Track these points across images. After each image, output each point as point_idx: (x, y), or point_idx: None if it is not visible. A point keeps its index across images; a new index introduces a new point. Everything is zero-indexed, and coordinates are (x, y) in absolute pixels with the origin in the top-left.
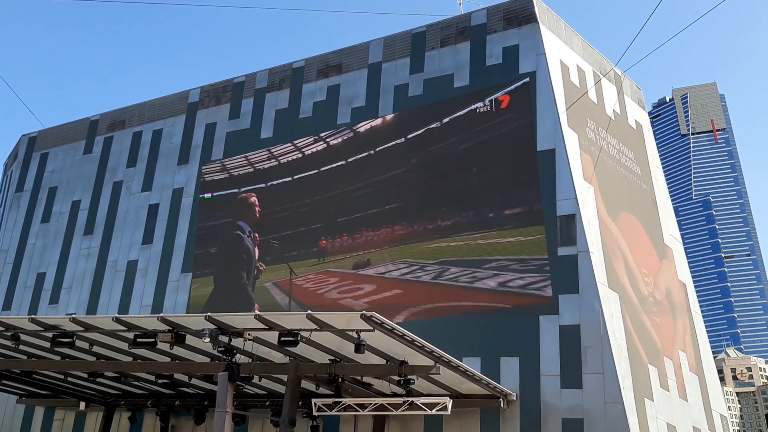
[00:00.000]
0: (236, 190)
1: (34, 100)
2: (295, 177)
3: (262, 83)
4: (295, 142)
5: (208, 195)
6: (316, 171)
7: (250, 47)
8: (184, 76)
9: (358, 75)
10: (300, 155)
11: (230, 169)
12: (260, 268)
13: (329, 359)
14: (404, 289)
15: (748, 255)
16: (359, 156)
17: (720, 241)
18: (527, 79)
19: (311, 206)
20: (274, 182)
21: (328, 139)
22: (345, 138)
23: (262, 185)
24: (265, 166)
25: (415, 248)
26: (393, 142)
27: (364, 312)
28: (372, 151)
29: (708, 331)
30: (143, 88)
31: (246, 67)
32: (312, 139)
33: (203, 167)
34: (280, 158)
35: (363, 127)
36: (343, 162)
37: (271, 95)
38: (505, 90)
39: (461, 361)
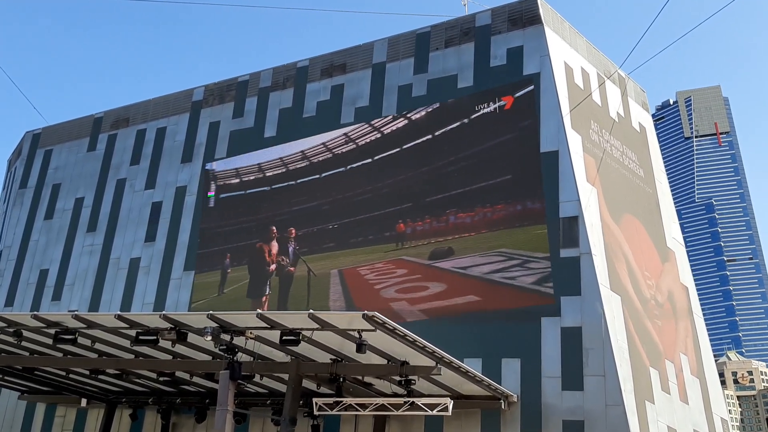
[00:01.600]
0: (294, 182)
1: (39, 97)
2: (376, 158)
3: (266, 82)
4: (348, 132)
5: (211, 194)
6: (398, 149)
7: (254, 46)
8: (188, 75)
9: (362, 75)
10: (379, 135)
11: (288, 163)
12: (282, 262)
13: (330, 359)
14: (483, 296)
15: (751, 258)
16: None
17: (722, 244)
18: (531, 87)
19: (392, 187)
20: (354, 165)
21: (382, 129)
22: (400, 125)
23: (343, 168)
24: (344, 150)
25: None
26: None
27: (365, 312)
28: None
29: (709, 335)
30: (147, 86)
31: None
32: (368, 126)
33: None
34: (335, 149)
35: (415, 115)
36: (398, 149)
37: (275, 94)
38: (511, 94)
39: (462, 362)
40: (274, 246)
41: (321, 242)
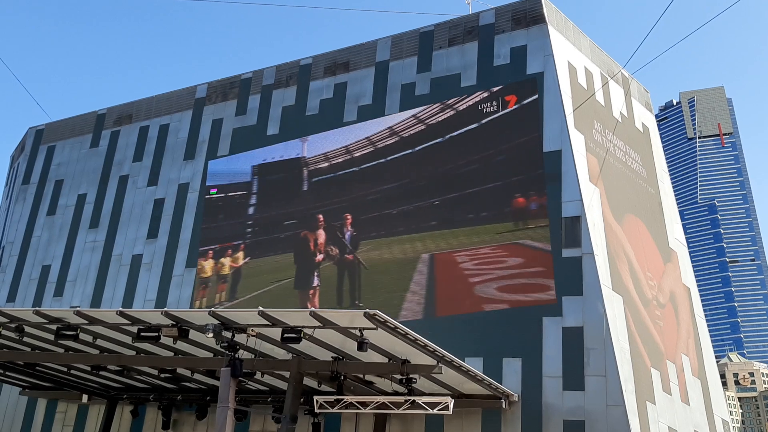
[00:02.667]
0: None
1: (42, 93)
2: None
3: (269, 80)
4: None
5: (214, 191)
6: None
7: (257, 44)
8: (191, 72)
9: (366, 73)
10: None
11: (399, 131)
12: (331, 252)
13: (332, 357)
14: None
15: (753, 260)
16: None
17: (725, 245)
18: (535, 96)
19: (506, 153)
20: (453, 133)
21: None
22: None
23: (440, 139)
24: (439, 119)
25: None
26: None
27: (367, 310)
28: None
29: (711, 336)
30: (150, 83)
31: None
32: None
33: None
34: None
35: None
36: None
37: (278, 92)
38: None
39: (463, 361)
40: (321, 235)
41: (394, 225)
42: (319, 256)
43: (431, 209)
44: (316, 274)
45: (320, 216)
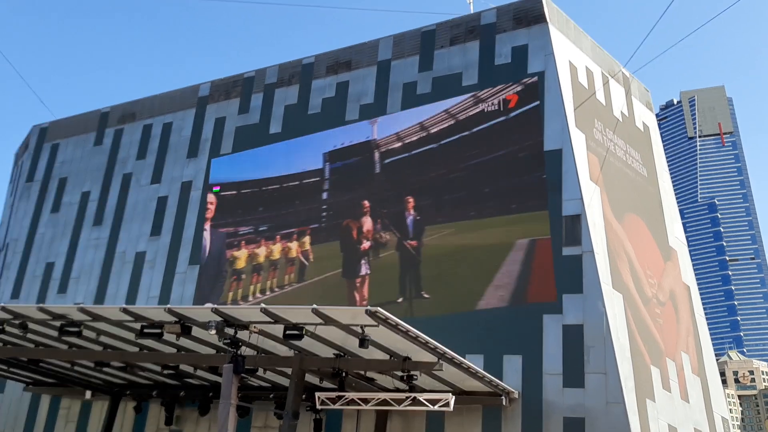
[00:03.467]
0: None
1: (46, 91)
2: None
3: (272, 79)
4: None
5: (216, 189)
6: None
7: (260, 43)
8: (194, 71)
9: (367, 72)
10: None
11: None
12: (380, 239)
13: (333, 353)
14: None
15: (753, 258)
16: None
17: (725, 244)
18: (538, 101)
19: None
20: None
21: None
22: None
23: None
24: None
25: None
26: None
27: (368, 308)
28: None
29: (711, 334)
30: (154, 81)
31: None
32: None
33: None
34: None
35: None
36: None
37: (281, 91)
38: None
39: (464, 358)
40: (366, 222)
41: (468, 209)
42: (365, 244)
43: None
44: (363, 262)
45: (365, 202)
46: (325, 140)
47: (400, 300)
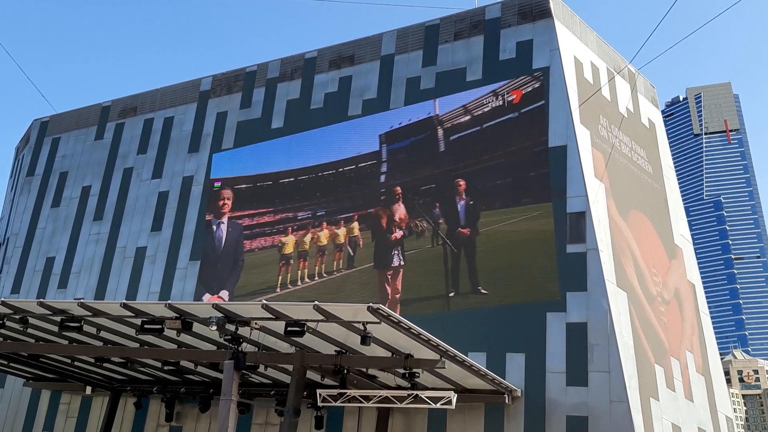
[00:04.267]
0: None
1: (47, 84)
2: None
3: (274, 73)
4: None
5: (218, 184)
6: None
7: (262, 37)
8: (196, 65)
9: (371, 67)
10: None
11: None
12: (416, 228)
13: (335, 350)
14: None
15: (758, 257)
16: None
17: (730, 242)
18: (540, 92)
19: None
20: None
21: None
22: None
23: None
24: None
25: None
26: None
27: (371, 304)
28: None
29: (716, 333)
30: (155, 75)
31: (258, 56)
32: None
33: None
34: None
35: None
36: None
37: (283, 85)
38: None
39: (467, 356)
40: (398, 210)
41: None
42: (397, 233)
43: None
44: (395, 253)
45: (398, 188)
46: (381, 121)
47: (452, 294)
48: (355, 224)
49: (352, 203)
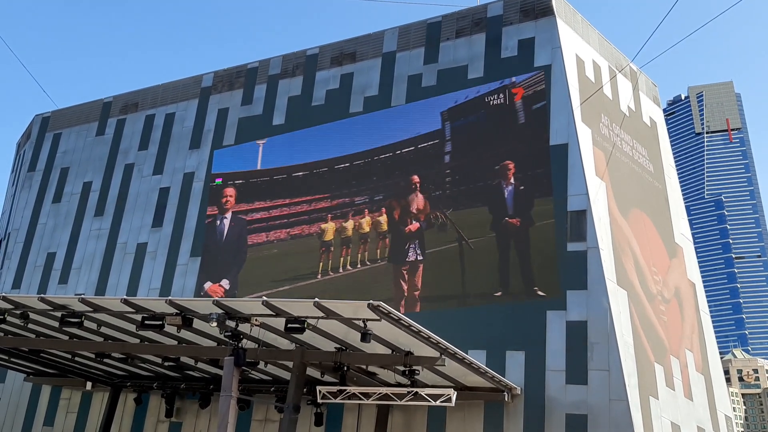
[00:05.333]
0: None
1: (48, 80)
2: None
3: (276, 70)
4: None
5: (219, 180)
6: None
7: (264, 33)
8: (197, 61)
9: (372, 64)
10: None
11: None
12: (435, 219)
13: (335, 347)
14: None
15: (759, 257)
16: None
17: (731, 241)
18: (542, 79)
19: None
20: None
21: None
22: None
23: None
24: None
25: None
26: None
27: (371, 302)
28: None
29: (716, 332)
30: (157, 71)
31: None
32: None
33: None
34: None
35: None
36: None
37: (284, 82)
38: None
39: (467, 354)
40: (416, 199)
41: None
42: (413, 225)
43: None
44: (412, 246)
45: (415, 177)
46: (442, 101)
47: (498, 294)
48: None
49: (396, 189)
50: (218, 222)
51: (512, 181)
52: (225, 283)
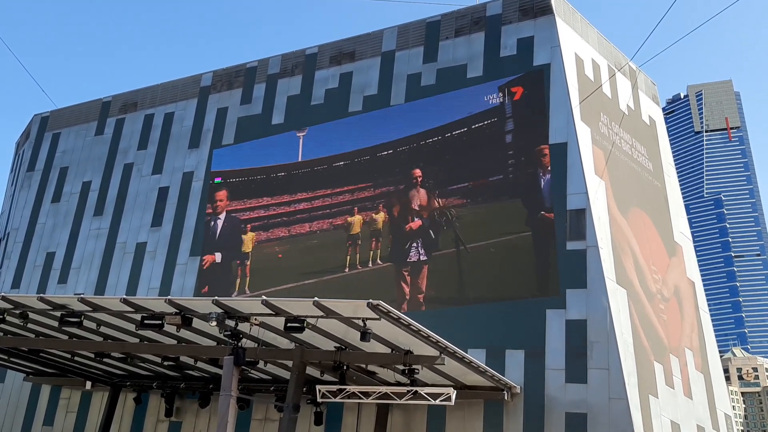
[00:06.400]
0: None
1: (47, 80)
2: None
3: (275, 69)
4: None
5: (218, 179)
6: None
7: (263, 32)
8: (196, 60)
9: (371, 63)
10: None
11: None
12: (449, 215)
13: (335, 346)
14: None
15: (758, 255)
16: None
17: (730, 240)
18: (541, 78)
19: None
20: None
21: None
22: None
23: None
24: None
25: None
26: None
27: (370, 301)
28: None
29: (715, 330)
30: (156, 71)
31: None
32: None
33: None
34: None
35: None
36: None
37: (284, 81)
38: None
39: (466, 353)
40: (419, 195)
41: None
42: (414, 223)
43: None
44: (414, 245)
45: (417, 171)
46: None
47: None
48: (454, 200)
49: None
50: (212, 222)
51: (548, 169)
52: (218, 256)
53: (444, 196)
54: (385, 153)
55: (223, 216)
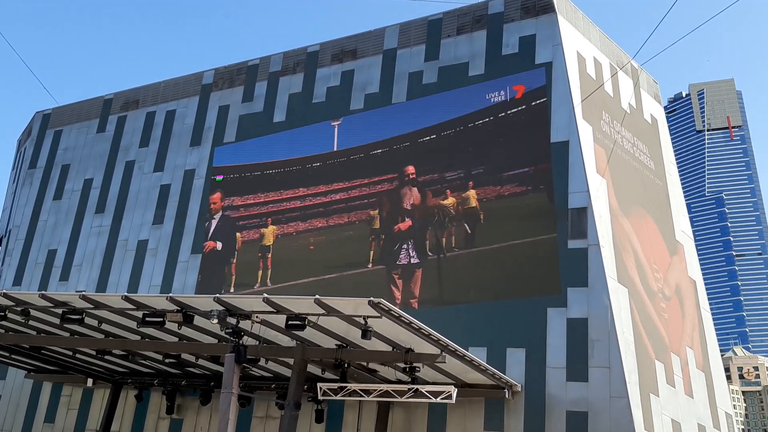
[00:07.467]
0: None
1: (49, 77)
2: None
3: (276, 67)
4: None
5: (219, 177)
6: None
7: (264, 30)
8: (198, 58)
9: (373, 61)
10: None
11: None
12: (452, 210)
13: (336, 344)
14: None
15: (760, 254)
16: None
17: (732, 239)
18: (543, 77)
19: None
20: None
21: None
22: None
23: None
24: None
25: None
26: None
27: (371, 299)
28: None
29: (716, 329)
30: (157, 68)
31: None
32: None
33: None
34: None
35: None
36: None
37: (285, 79)
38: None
39: (467, 351)
40: (410, 193)
41: None
42: (403, 223)
43: None
44: (404, 247)
45: (410, 167)
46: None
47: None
48: (471, 192)
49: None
50: (206, 223)
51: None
52: (219, 245)
53: (441, 195)
54: (379, 151)
55: (218, 216)
